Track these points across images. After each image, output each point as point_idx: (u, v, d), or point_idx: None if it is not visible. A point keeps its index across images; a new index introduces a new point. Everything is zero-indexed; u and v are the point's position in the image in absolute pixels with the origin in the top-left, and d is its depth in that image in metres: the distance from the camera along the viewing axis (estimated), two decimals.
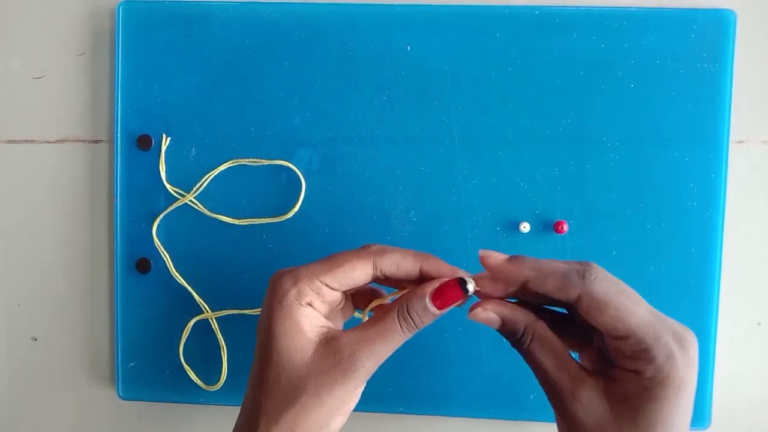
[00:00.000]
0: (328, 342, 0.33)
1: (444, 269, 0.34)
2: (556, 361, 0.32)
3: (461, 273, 0.34)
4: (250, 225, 0.47)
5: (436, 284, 0.33)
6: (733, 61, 0.44)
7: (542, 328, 0.33)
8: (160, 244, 0.47)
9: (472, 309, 0.33)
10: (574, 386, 0.32)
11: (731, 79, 0.44)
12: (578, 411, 0.31)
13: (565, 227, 0.45)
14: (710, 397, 0.45)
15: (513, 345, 0.34)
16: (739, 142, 0.46)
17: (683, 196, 0.45)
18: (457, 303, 0.33)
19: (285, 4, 0.47)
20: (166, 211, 0.47)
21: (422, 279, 0.35)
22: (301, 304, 0.33)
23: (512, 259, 0.33)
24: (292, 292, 0.33)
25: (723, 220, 0.45)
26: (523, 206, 0.46)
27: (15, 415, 0.52)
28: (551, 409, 0.45)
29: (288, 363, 0.32)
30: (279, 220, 0.47)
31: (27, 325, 0.51)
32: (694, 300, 0.45)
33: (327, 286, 0.33)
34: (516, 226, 0.46)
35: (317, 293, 0.33)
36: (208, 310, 0.47)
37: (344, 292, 0.36)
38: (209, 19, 0.47)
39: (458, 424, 0.48)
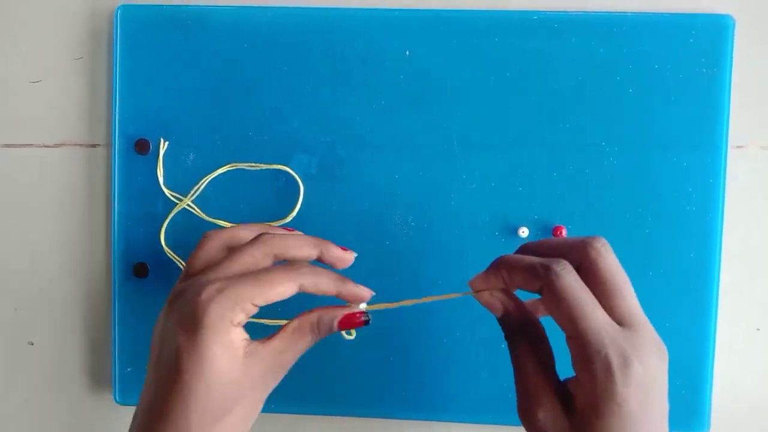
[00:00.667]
0: (253, 355, 0.34)
1: (358, 292, 0.37)
2: (534, 369, 0.33)
3: (369, 293, 0.37)
4: None
5: (345, 311, 0.36)
6: (731, 66, 0.44)
7: (538, 333, 0.35)
8: (170, 251, 0.47)
9: (477, 290, 0.36)
10: (541, 399, 0.33)
11: (730, 84, 0.44)
12: (541, 424, 0.32)
13: (564, 232, 0.45)
14: (709, 401, 0.45)
15: (506, 338, 0.35)
16: (738, 147, 0.46)
17: (682, 200, 0.45)
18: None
19: (283, 8, 0.47)
20: (169, 217, 0.47)
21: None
22: (234, 325, 0.34)
23: (489, 268, 0.36)
24: (228, 317, 0.34)
25: (722, 225, 0.45)
26: (521, 211, 0.46)
27: (11, 421, 0.51)
28: None
29: (220, 380, 0.33)
30: (277, 225, 0.47)
31: (24, 330, 0.51)
32: (693, 304, 0.45)
33: (255, 306, 0.35)
34: (515, 231, 0.46)
35: (247, 314, 0.35)
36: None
37: None
38: (207, 24, 0.47)
39: (457, 430, 0.48)
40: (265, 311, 0.42)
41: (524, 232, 0.45)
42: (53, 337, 0.51)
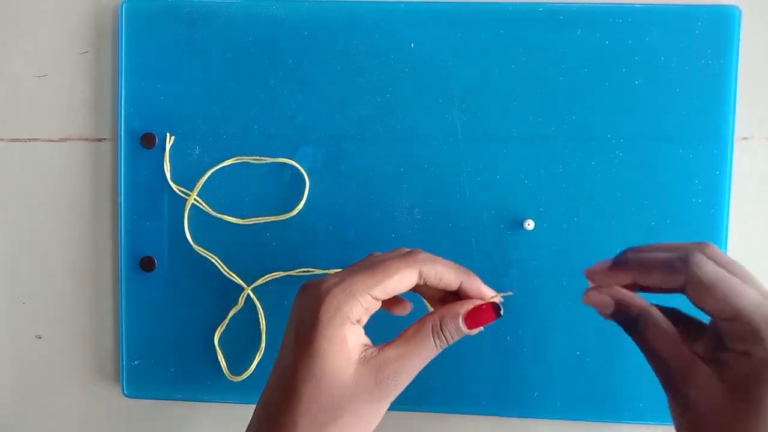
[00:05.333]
0: (368, 361, 0.33)
1: (483, 290, 0.34)
2: (670, 345, 0.33)
3: (495, 294, 0.35)
4: (254, 223, 0.47)
5: (469, 306, 0.34)
6: (737, 57, 0.44)
7: (656, 313, 0.33)
8: (202, 249, 0.48)
9: (587, 292, 0.34)
10: (687, 369, 0.32)
11: (736, 76, 0.44)
12: (691, 392, 0.32)
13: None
14: None
15: (627, 331, 0.34)
16: (744, 138, 0.46)
17: (688, 193, 0.45)
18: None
19: (288, 1, 0.46)
20: (186, 214, 0.47)
21: (456, 294, 0.35)
22: (351, 322, 0.32)
23: (616, 264, 0.34)
24: (345, 310, 0.32)
25: (727, 217, 0.45)
26: (527, 204, 0.46)
27: (20, 414, 0.52)
28: (554, 406, 0.46)
29: (330, 381, 0.32)
30: (283, 218, 0.47)
31: (31, 324, 0.51)
32: None
33: (375, 298, 0.33)
34: (520, 224, 0.46)
35: (366, 308, 0.33)
36: (257, 300, 0.47)
37: None
38: (212, 17, 0.47)
39: (462, 422, 0.48)
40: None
41: (530, 224, 0.45)
42: (61, 330, 0.51)
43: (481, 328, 0.35)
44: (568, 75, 0.45)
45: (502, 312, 0.34)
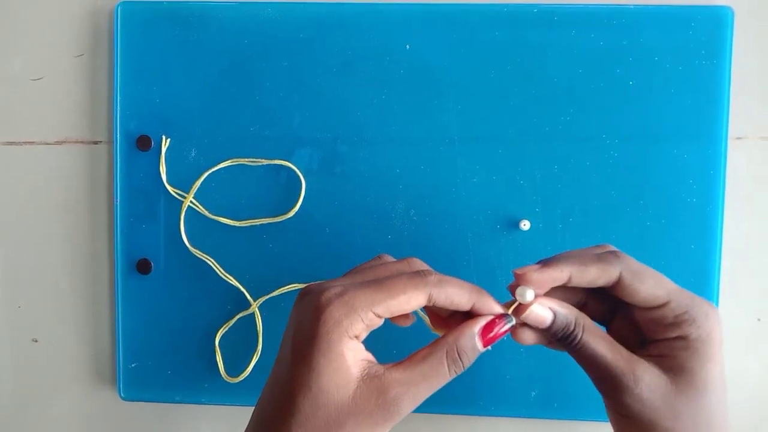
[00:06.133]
0: (371, 380, 0.31)
1: (496, 309, 0.33)
2: (610, 346, 0.33)
3: (508, 310, 0.34)
4: (250, 225, 0.47)
5: (482, 322, 0.32)
6: (731, 57, 0.45)
7: (587, 317, 0.33)
8: (199, 251, 0.48)
9: (520, 312, 0.33)
10: (633, 368, 0.32)
11: (729, 76, 0.45)
12: (643, 390, 0.32)
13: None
14: None
15: (562, 341, 0.33)
16: (738, 138, 0.46)
17: (682, 192, 0.45)
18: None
19: (283, 3, 0.47)
20: (182, 216, 0.47)
21: (468, 313, 0.34)
22: (349, 337, 0.31)
23: (547, 263, 0.33)
24: (344, 324, 0.30)
25: (722, 216, 0.45)
26: (523, 204, 0.46)
27: (17, 418, 0.52)
28: (551, 406, 0.46)
29: (327, 398, 0.30)
30: (279, 220, 0.47)
31: (28, 327, 0.51)
32: None
33: (378, 316, 0.31)
34: (516, 224, 0.46)
35: (367, 324, 0.31)
36: (252, 301, 0.47)
37: None
38: (208, 19, 0.47)
39: (459, 422, 0.48)
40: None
41: (526, 225, 0.46)
42: (57, 333, 0.51)
43: (489, 347, 0.34)
44: (563, 76, 0.45)
45: (514, 321, 0.33)
